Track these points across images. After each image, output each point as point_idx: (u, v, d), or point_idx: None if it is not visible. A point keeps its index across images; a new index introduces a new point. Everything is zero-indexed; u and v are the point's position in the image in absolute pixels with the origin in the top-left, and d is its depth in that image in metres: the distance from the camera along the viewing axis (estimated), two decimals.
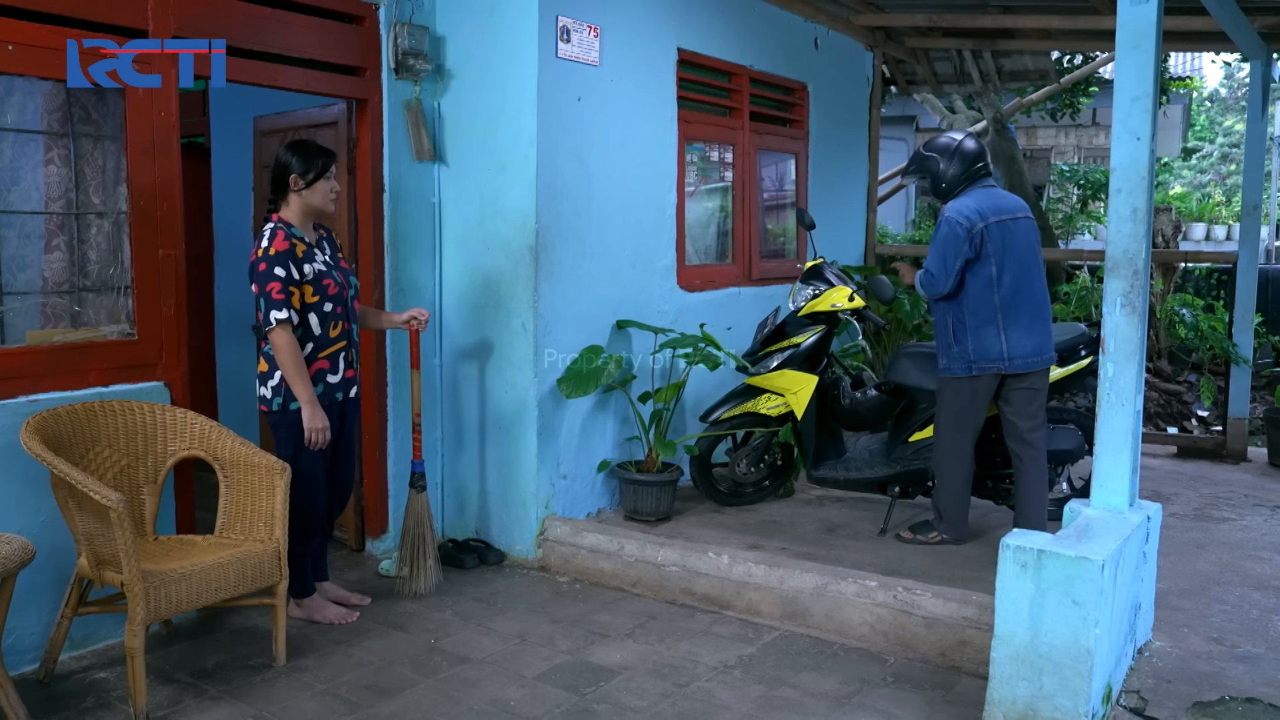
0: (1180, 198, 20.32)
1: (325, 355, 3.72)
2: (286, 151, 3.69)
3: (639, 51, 4.91)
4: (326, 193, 3.71)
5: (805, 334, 4.78)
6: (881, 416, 4.79)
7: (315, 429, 3.63)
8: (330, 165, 3.72)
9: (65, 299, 3.69)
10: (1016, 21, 6.52)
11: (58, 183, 3.63)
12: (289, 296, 3.56)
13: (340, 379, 3.78)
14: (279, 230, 3.60)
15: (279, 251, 3.56)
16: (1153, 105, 3.21)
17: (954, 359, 4.16)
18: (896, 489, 4.70)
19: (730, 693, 3.33)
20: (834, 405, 4.83)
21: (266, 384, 3.68)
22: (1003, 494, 4.62)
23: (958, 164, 4.18)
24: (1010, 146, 11.06)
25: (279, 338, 3.55)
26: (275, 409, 3.67)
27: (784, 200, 6.50)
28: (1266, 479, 6.05)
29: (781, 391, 4.78)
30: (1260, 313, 6.99)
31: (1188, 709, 3.16)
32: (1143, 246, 3.24)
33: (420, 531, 4.18)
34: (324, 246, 3.78)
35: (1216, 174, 29.81)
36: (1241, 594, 4.13)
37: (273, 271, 3.54)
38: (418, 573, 4.17)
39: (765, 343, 4.87)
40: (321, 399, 3.70)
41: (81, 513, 3.15)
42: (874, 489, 4.82)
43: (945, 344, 4.20)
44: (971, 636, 3.51)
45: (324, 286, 3.67)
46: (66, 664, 3.46)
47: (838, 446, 4.91)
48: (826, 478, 4.83)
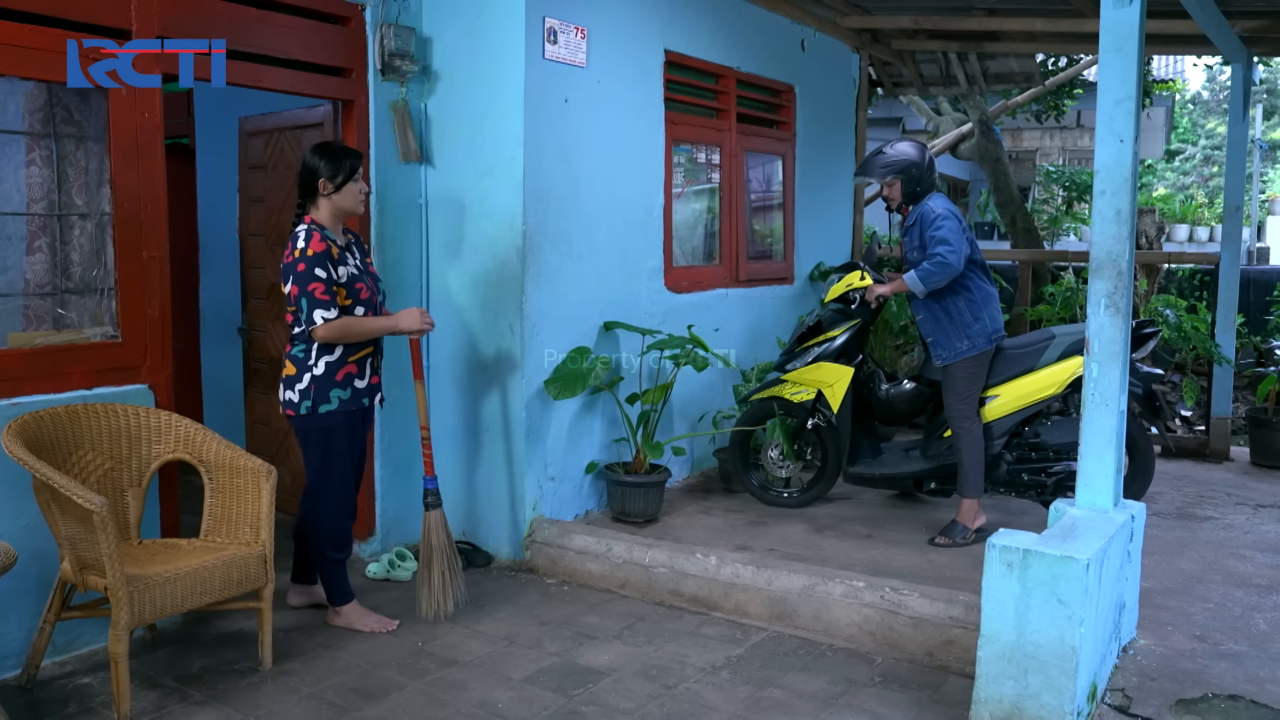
0: (1164, 199, 20.49)
1: (354, 360, 3.70)
2: (313, 155, 3.67)
3: (626, 53, 4.91)
4: (356, 194, 3.70)
5: (841, 328, 4.81)
6: (918, 408, 4.86)
7: (423, 322, 3.78)
8: (358, 166, 3.70)
9: (48, 301, 3.66)
10: (1001, 24, 6.55)
11: (40, 184, 3.61)
12: (333, 297, 3.55)
13: (366, 384, 3.75)
14: (314, 232, 3.57)
15: (316, 253, 3.53)
16: (1136, 108, 3.23)
17: (976, 335, 4.41)
18: (933, 484, 4.80)
19: (718, 694, 3.34)
20: (870, 398, 4.89)
21: (294, 388, 3.64)
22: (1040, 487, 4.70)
23: (930, 171, 4.52)
24: (996, 148, 11.11)
25: (328, 331, 3.54)
26: (304, 413, 3.63)
27: (771, 201, 6.51)
28: (1249, 478, 6.09)
29: (817, 385, 4.82)
30: (1242, 313, 7.03)
31: (1171, 706, 3.18)
32: (1126, 248, 3.26)
33: (441, 552, 3.96)
34: (354, 250, 3.76)
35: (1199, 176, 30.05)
36: (1224, 592, 4.16)
37: (313, 273, 3.52)
38: (439, 593, 3.94)
39: (800, 340, 4.91)
40: (349, 404, 3.68)
41: (64, 517, 3.12)
42: (910, 486, 4.90)
43: (964, 325, 4.41)
44: (958, 636, 3.52)
45: (357, 290, 3.65)
46: (49, 670, 3.43)
47: (873, 445, 4.98)
48: (863, 474, 4.88)
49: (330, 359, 3.63)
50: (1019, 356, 4.58)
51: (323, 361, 3.62)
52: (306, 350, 3.63)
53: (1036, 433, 4.65)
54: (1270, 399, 6.42)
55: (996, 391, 4.56)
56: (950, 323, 4.43)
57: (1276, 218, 22.66)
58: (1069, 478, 4.56)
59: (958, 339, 4.41)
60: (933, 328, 4.46)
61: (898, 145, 4.55)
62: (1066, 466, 4.57)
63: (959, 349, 4.41)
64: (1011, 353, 4.58)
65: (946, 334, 4.43)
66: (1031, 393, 4.54)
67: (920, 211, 4.45)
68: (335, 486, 3.72)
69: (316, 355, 3.62)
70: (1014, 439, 4.65)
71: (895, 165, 4.47)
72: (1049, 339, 4.62)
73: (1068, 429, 4.60)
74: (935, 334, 4.46)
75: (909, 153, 4.49)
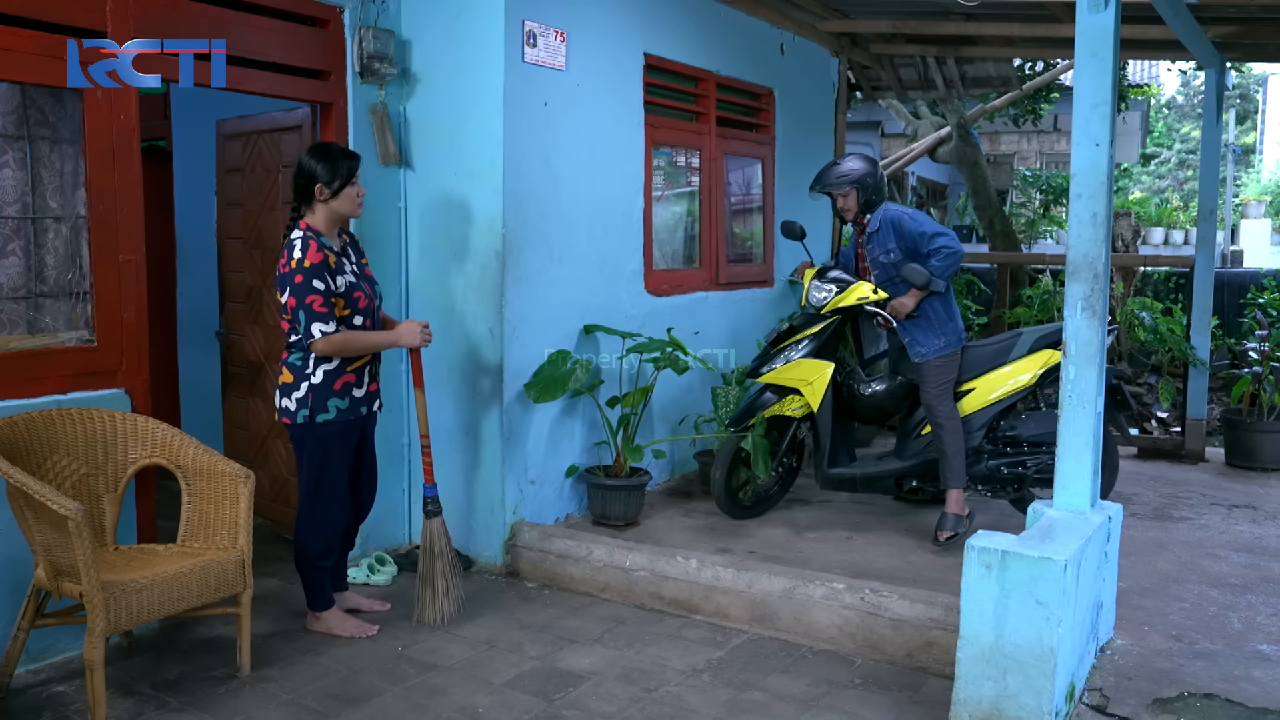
0: (1139, 203, 20.68)
1: (352, 369, 3.67)
2: (310, 158, 3.61)
3: (606, 56, 4.91)
4: (353, 198, 3.66)
5: (820, 324, 4.73)
6: (901, 404, 4.84)
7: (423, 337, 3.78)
8: (355, 169, 3.66)
9: (21, 305, 3.62)
10: (979, 29, 6.60)
11: (13, 186, 3.57)
12: (332, 309, 3.52)
13: (365, 393, 3.73)
14: (310, 240, 3.52)
15: (314, 264, 3.48)
16: (1111, 112, 3.26)
17: (951, 334, 4.55)
18: (913, 482, 4.78)
19: (699, 696, 3.34)
20: (852, 397, 4.81)
21: (291, 396, 3.60)
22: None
23: (883, 180, 4.71)
24: (974, 152, 11.18)
25: (328, 345, 3.52)
26: (300, 421, 3.60)
27: (751, 205, 6.53)
28: (1223, 478, 6.16)
29: (796, 383, 4.73)
30: (1217, 316, 7.12)
31: (1148, 705, 3.21)
32: (1103, 251, 3.28)
33: (443, 559, 3.94)
34: (349, 254, 3.72)
35: (1174, 179, 30.37)
36: (1200, 592, 4.20)
37: (311, 284, 3.48)
38: (443, 599, 3.92)
39: (774, 343, 4.84)
40: (347, 413, 3.65)
41: (39, 522, 3.09)
42: (891, 486, 4.85)
43: (940, 323, 4.54)
44: (938, 637, 3.54)
45: (354, 300, 3.62)
46: (23, 678, 3.39)
47: (850, 449, 4.94)
48: (844, 476, 4.81)
49: (329, 367, 3.60)
50: (990, 353, 4.71)
51: (321, 370, 3.59)
52: (304, 358, 3.60)
53: (1012, 426, 4.73)
54: (1245, 400, 6.50)
55: (971, 385, 4.67)
56: (928, 321, 4.53)
57: (1250, 221, 22.91)
58: (1046, 469, 4.62)
59: (935, 336, 4.52)
60: (910, 325, 4.55)
61: (848, 160, 4.70)
62: (1043, 459, 4.62)
63: (936, 345, 4.51)
64: (981, 350, 4.73)
65: (924, 332, 4.53)
66: (1005, 385, 4.64)
67: (887, 217, 4.55)
68: (329, 495, 3.69)
69: (315, 364, 3.59)
70: (990, 434, 4.70)
71: (851, 176, 4.60)
72: (1016, 336, 4.76)
73: (1041, 421, 4.70)
74: (913, 331, 4.54)
75: (862, 164, 4.64)
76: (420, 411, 3.96)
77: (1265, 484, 6.02)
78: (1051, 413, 4.64)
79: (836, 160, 4.76)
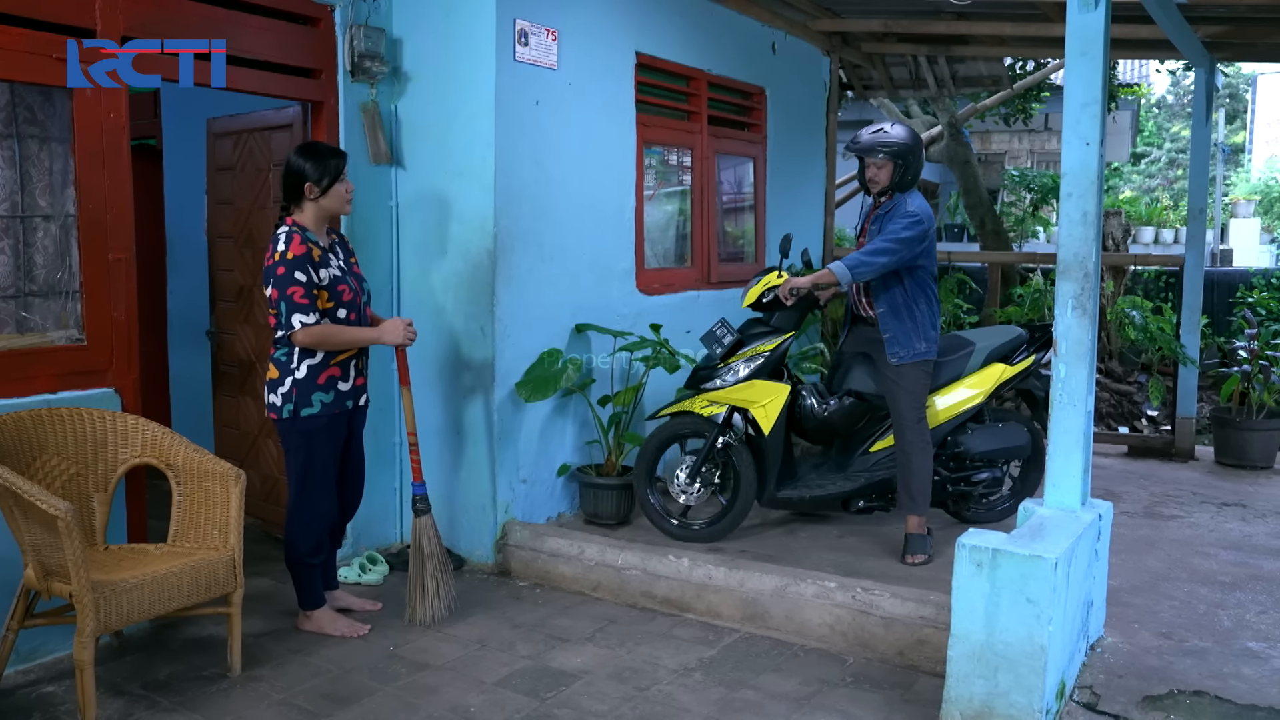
0: (1129, 202, 20.76)
1: (337, 363, 3.66)
2: (298, 157, 3.62)
3: (597, 55, 4.91)
4: (342, 195, 3.68)
5: (772, 340, 4.46)
6: (854, 424, 4.54)
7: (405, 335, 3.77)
8: (343, 166, 3.67)
9: (10, 304, 3.60)
10: (970, 28, 6.62)
11: (2, 185, 3.55)
12: (313, 300, 3.52)
13: (350, 386, 3.72)
14: (294, 234, 3.54)
15: (297, 256, 3.50)
16: (1101, 111, 3.27)
17: (932, 340, 4.29)
18: (861, 502, 4.56)
19: (691, 695, 3.34)
20: (803, 417, 4.52)
21: (276, 391, 3.61)
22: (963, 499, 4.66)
23: (922, 163, 4.29)
24: (965, 151, 11.22)
25: (307, 336, 3.52)
26: (285, 416, 3.60)
27: (743, 204, 6.53)
28: (1213, 477, 6.18)
29: (748, 405, 4.43)
30: (1206, 314, 7.14)
31: (1138, 703, 3.22)
32: (1093, 250, 3.30)
33: (433, 557, 3.93)
34: (337, 251, 3.73)
35: (1164, 179, 30.49)
36: (1189, 589, 4.22)
37: (293, 276, 3.49)
38: (433, 598, 3.91)
39: (724, 357, 4.50)
40: (332, 406, 3.65)
41: (28, 522, 3.07)
42: (837, 506, 4.62)
43: (924, 328, 4.25)
44: (929, 636, 3.55)
45: (339, 293, 3.62)
46: (12, 679, 3.37)
47: (792, 467, 4.66)
48: (790, 498, 4.56)
49: (313, 362, 3.60)
50: (946, 365, 4.46)
51: (305, 365, 3.59)
52: (289, 353, 3.60)
53: (959, 442, 4.53)
54: (1234, 399, 6.52)
55: (930, 400, 4.43)
56: (913, 322, 4.24)
57: (1239, 220, 23.03)
58: (991, 485, 4.60)
59: (918, 339, 4.23)
60: (894, 324, 4.24)
61: (897, 127, 4.26)
62: (991, 475, 4.57)
63: (918, 349, 4.23)
64: (940, 364, 4.43)
65: (908, 333, 4.23)
66: (962, 400, 4.47)
67: (898, 205, 4.20)
68: (316, 490, 3.68)
69: (299, 358, 3.59)
70: (938, 450, 4.49)
71: (894, 146, 4.17)
72: (970, 346, 4.53)
73: (988, 437, 4.55)
74: (896, 331, 4.23)
75: (908, 137, 4.22)
76: (408, 410, 3.95)
77: (1254, 482, 6.05)
78: (997, 427, 4.61)
79: (884, 125, 4.27)
